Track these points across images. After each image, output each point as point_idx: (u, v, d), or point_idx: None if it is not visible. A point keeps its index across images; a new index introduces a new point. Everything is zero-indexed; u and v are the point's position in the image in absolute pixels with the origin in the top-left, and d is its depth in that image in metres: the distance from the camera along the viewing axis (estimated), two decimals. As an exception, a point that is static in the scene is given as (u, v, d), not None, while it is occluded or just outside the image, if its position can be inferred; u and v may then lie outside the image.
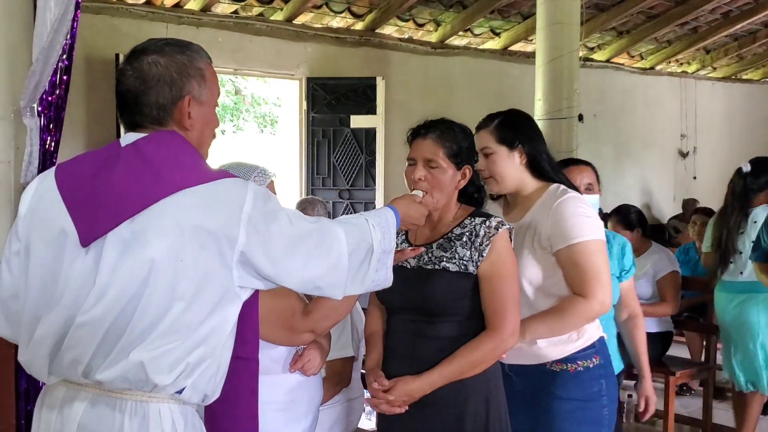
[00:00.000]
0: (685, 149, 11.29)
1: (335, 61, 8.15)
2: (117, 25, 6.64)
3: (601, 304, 2.58)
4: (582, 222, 2.59)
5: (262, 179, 2.45)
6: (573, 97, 6.38)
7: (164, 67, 1.89)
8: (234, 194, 1.81)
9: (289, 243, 1.85)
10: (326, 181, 7.96)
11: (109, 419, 1.80)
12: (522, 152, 2.71)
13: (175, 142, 1.88)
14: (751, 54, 11.64)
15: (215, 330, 1.83)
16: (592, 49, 10.15)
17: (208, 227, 1.77)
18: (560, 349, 2.63)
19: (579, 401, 2.62)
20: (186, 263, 1.76)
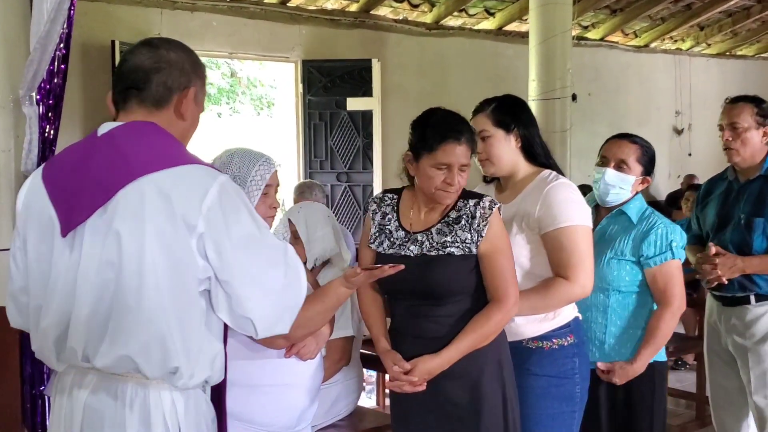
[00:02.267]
0: (680, 126, 11.32)
1: (330, 44, 8.16)
2: (112, 12, 6.65)
3: (582, 287, 2.68)
4: (571, 207, 2.67)
5: (267, 168, 2.47)
6: (566, 77, 6.43)
7: (181, 57, 1.98)
8: (199, 183, 1.84)
9: (245, 243, 1.86)
10: (324, 164, 7.99)
11: (111, 403, 1.86)
12: (517, 136, 2.79)
13: (149, 129, 1.92)
14: (745, 30, 11.64)
15: (198, 315, 1.87)
16: (586, 28, 10.15)
17: (171, 212, 1.80)
18: (536, 327, 2.71)
19: (553, 378, 2.70)
20: (152, 249, 1.80)
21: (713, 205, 3.58)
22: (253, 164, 2.45)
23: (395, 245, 2.58)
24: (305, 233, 3.38)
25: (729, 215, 3.48)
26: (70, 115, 4.68)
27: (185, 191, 1.81)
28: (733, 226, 3.44)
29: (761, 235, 3.37)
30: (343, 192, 7.96)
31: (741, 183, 3.49)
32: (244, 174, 2.43)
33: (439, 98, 9.45)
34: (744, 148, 3.41)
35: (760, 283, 3.39)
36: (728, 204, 3.50)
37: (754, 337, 3.42)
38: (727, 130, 3.45)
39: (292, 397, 2.52)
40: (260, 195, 2.45)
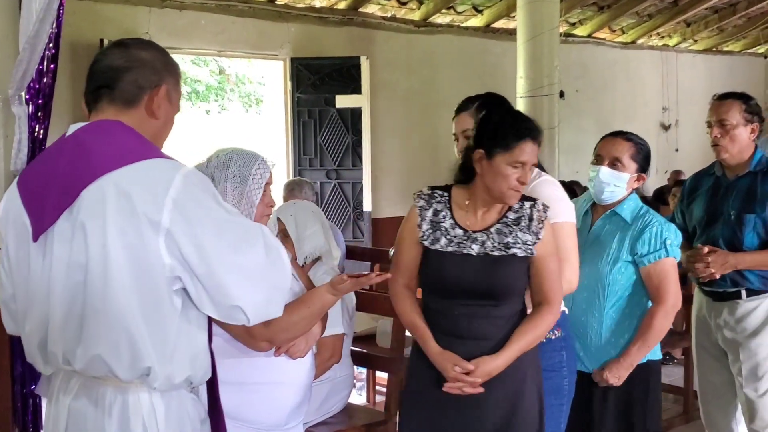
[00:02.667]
0: (667, 122, 11.38)
1: (319, 41, 8.17)
2: (100, 10, 6.64)
3: (568, 283, 2.72)
4: (556, 205, 2.68)
5: (265, 167, 2.49)
6: (554, 74, 6.46)
7: (152, 56, 1.97)
8: (161, 177, 1.80)
9: (218, 230, 1.82)
10: (313, 161, 8.00)
11: (92, 408, 1.86)
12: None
13: (113, 127, 1.89)
14: (731, 26, 11.71)
15: (170, 314, 1.83)
16: (573, 25, 10.19)
17: (132, 211, 1.76)
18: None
19: (542, 370, 2.70)
20: (114, 249, 1.77)
21: (700, 200, 3.60)
22: (252, 163, 2.47)
23: (453, 243, 2.55)
24: (294, 231, 3.39)
25: (718, 211, 3.49)
26: (59, 114, 4.67)
27: (147, 187, 1.78)
28: (723, 221, 3.46)
29: (752, 230, 3.39)
30: (333, 189, 7.97)
31: (730, 179, 3.50)
32: (244, 173, 2.45)
33: (427, 95, 9.52)
34: (732, 145, 3.43)
35: (751, 279, 3.42)
36: (717, 200, 3.52)
37: (745, 332, 3.45)
38: (716, 127, 3.46)
39: (282, 395, 2.53)
40: (260, 195, 2.48)
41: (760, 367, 3.43)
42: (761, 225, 3.38)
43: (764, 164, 3.44)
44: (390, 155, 8.56)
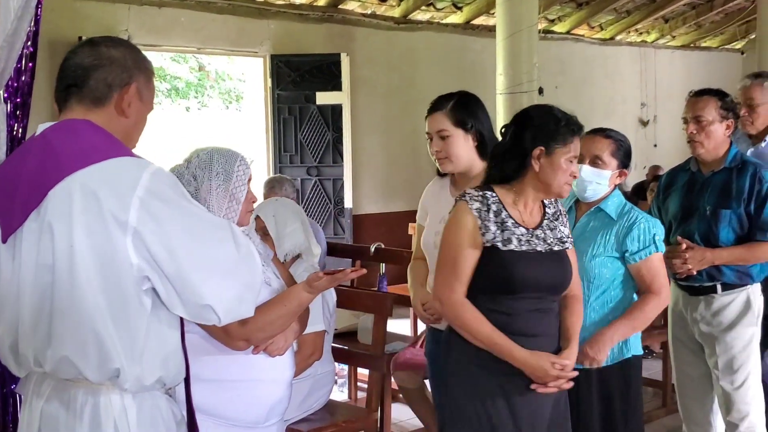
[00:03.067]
0: (646, 117, 11.47)
1: (299, 38, 8.17)
2: (79, 8, 6.60)
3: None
4: None
5: (245, 164, 2.51)
6: (533, 70, 6.49)
7: (121, 53, 1.94)
8: (128, 176, 1.77)
9: (186, 227, 1.80)
10: (294, 158, 7.99)
11: (63, 411, 1.85)
12: (474, 134, 2.88)
13: (81, 126, 1.87)
14: (708, 22, 11.81)
15: (139, 315, 1.82)
16: (552, 21, 10.24)
17: (99, 210, 1.74)
18: None
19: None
20: (81, 250, 1.75)
21: (676, 196, 3.62)
22: (234, 161, 2.48)
23: (523, 242, 2.55)
24: (274, 229, 3.40)
25: (694, 206, 3.52)
26: (38, 112, 4.63)
27: (113, 186, 1.76)
28: (699, 217, 3.48)
29: (727, 226, 3.42)
30: (314, 186, 7.97)
31: (705, 175, 3.52)
32: (228, 171, 2.46)
33: (407, 92, 9.53)
34: (708, 141, 3.45)
35: (726, 273, 3.46)
36: (692, 195, 3.54)
37: (721, 325, 3.48)
38: (692, 123, 3.48)
39: (262, 392, 2.53)
40: (245, 192, 2.49)
41: (736, 360, 3.47)
42: (736, 220, 3.41)
43: (739, 160, 3.46)
44: (371, 152, 8.58)
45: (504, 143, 2.65)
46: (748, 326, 3.48)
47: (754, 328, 3.50)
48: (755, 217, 3.39)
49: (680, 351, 3.72)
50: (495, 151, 2.70)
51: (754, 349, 3.50)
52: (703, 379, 3.61)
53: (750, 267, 3.47)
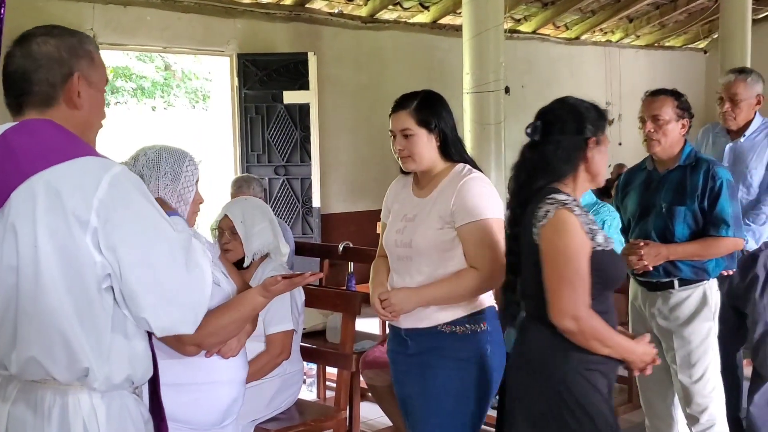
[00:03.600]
0: (611, 116, 11.54)
1: (266, 37, 8.14)
2: (43, 7, 6.53)
3: (492, 278, 2.78)
4: (485, 201, 2.79)
5: (194, 164, 2.48)
6: (499, 69, 6.51)
7: (54, 47, 1.88)
8: (90, 176, 1.77)
9: (141, 237, 1.79)
10: (261, 157, 7.97)
11: (31, 413, 1.83)
12: (438, 134, 2.88)
13: (41, 126, 1.85)
14: (672, 21, 11.95)
15: (104, 313, 1.81)
16: (518, 21, 10.30)
17: (62, 210, 1.74)
18: (451, 313, 2.82)
19: (463, 361, 2.81)
20: (45, 250, 1.75)
21: (634, 194, 3.71)
22: (182, 161, 2.45)
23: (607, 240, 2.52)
24: (243, 229, 3.40)
25: (650, 204, 3.59)
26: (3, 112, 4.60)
27: (76, 186, 1.75)
28: (656, 214, 3.56)
29: (682, 222, 3.49)
30: (282, 185, 7.96)
31: (661, 173, 3.61)
32: (176, 171, 2.43)
33: (375, 91, 9.56)
34: (665, 139, 3.53)
35: (683, 269, 3.53)
36: (649, 193, 3.62)
37: (678, 320, 3.55)
38: (649, 122, 3.56)
39: (218, 394, 2.53)
40: (194, 192, 2.47)
41: (693, 354, 3.53)
42: (691, 216, 3.48)
43: (693, 158, 3.54)
44: (339, 151, 8.58)
45: (559, 141, 2.53)
46: (705, 321, 3.54)
47: (711, 323, 3.56)
48: (709, 213, 3.46)
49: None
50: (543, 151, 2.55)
51: (711, 343, 3.56)
52: (663, 374, 3.66)
53: (706, 263, 3.53)
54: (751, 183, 4.05)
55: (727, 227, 3.44)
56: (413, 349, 2.89)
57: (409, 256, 2.87)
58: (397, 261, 2.93)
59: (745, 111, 4.07)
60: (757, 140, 4.07)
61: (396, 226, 2.96)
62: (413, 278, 2.86)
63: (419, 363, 2.88)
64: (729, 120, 4.09)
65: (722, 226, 3.44)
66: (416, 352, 2.89)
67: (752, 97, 4.05)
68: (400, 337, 2.93)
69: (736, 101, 4.05)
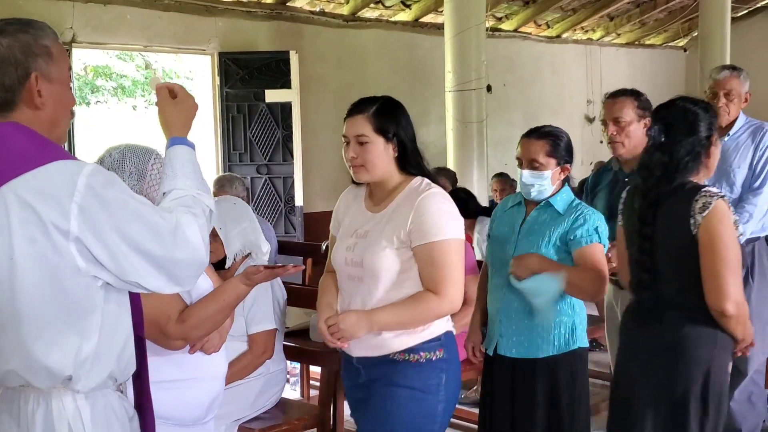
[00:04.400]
0: (591, 114, 11.63)
1: (247, 36, 8.12)
2: (22, 5, 6.48)
3: (451, 302, 2.60)
4: (443, 220, 2.59)
5: (160, 164, 2.46)
6: (481, 68, 6.54)
7: (7, 48, 1.80)
8: (64, 182, 1.72)
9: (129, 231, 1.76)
10: (243, 156, 7.95)
11: (15, 412, 1.81)
12: (395, 144, 2.67)
13: (6, 131, 1.79)
14: (652, 20, 12.03)
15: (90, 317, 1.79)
16: (500, 19, 10.33)
17: (38, 220, 1.70)
18: (404, 340, 2.63)
19: (417, 391, 2.62)
20: (23, 262, 1.71)
21: (602, 195, 3.70)
22: (147, 159, 2.43)
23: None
24: (223, 230, 3.38)
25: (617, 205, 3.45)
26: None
27: (50, 195, 1.70)
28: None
29: None
30: (264, 184, 7.94)
31: (626, 173, 3.59)
32: (141, 169, 2.41)
33: (357, 90, 9.53)
34: (628, 141, 3.54)
35: None
36: (615, 194, 3.49)
37: None
38: (611, 125, 3.56)
39: (200, 391, 2.53)
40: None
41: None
42: None
43: None
44: (321, 149, 8.56)
45: (687, 141, 2.69)
46: None
47: None
48: None
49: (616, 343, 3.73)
50: (673, 152, 2.70)
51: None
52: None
53: None
54: (734, 182, 4.02)
55: None
56: (365, 377, 2.71)
57: (360, 277, 2.64)
58: (347, 281, 2.70)
59: (736, 106, 4.07)
60: (741, 139, 4.06)
61: (346, 242, 2.73)
62: (365, 301, 2.64)
63: (371, 393, 2.69)
64: (723, 115, 4.03)
65: None
66: (368, 381, 2.70)
67: (743, 93, 4.06)
68: (352, 365, 2.75)
69: (730, 97, 4.05)
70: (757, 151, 4.00)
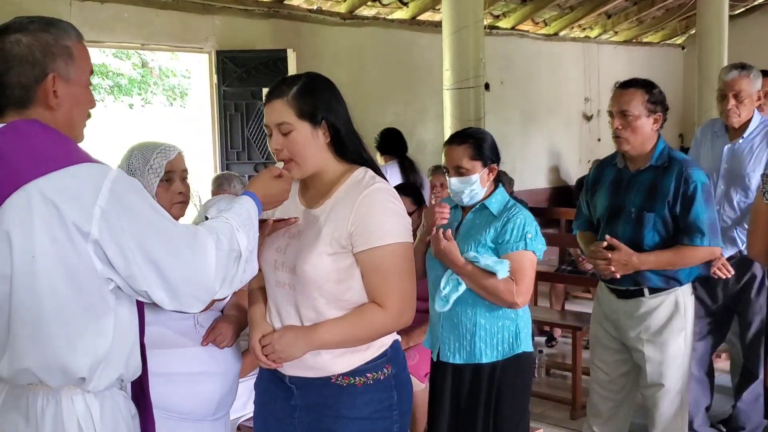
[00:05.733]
0: (589, 112, 11.62)
1: (244, 34, 8.10)
2: (18, 2, 6.45)
3: (399, 316, 2.29)
4: (388, 221, 2.25)
5: (164, 155, 2.48)
6: (479, 66, 6.52)
7: (26, 47, 1.82)
8: (89, 185, 1.74)
9: (145, 240, 1.77)
10: (241, 155, 7.94)
11: (23, 410, 1.81)
12: (326, 129, 2.30)
13: (31, 130, 1.80)
14: (650, 18, 12.01)
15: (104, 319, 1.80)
16: (497, 17, 10.31)
17: (61, 220, 1.71)
18: (347, 361, 2.31)
19: (366, 420, 2.31)
20: (44, 261, 1.72)
21: (604, 193, 3.50)
22: (150, 154, 2.46)
23: None
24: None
25: (620, 206, 3.40)
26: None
27: (74, 196, 1.72)
28: (625, 218, 3.37)
29: (652, 229, 3.29)
30: (261, 183, 7.92)
31: (631, 172, 3.40)
32: (141, 165, 2.44)
33: (355, 88, 9.53)
34: (634, 137, 3.30)
35: (651, 278, 3.35)
36: (619, 194, 3.42)
37: (649, 329, 3.39)
38: (617, 118, 3.31)
39: (210, 385, 2.54)
40: (158, 182, 2.46)
41: (664, 365, 3.38)
42: (661, 223, 3.28)
43: (666, 158, 3.32)
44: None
45: None
46: (677, 332, 3.37)
47: (684, 332, 3.39)
48: (681, 219, 3.25)
49: (602, 349, 3.62)
50: None
51: (683, 352, 3.41)
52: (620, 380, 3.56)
53: (678, 271, 3.34)
54: (749, 186, 3.88)
55: (702, 236, 3.22)
56: (299, 400, 2.37)
57: (291, 285, 2.30)
58: (276, 287, 2.36)
59: (748, 107, 3.91)
60: (756, 141, 3.92)
61: (276, 242, 2.36)
62: (300, 314, 2.30)
63: (307, 421, 2.36)
64: (733, 117, 3.91)
65: (696, 235, 3.23)
66: (303, 406, 2.36)
67: (754, 92, 3.90)
68: (283, 383, 2.39)
69: (740, 98, 3.89)
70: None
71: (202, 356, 2.50)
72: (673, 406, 3.44)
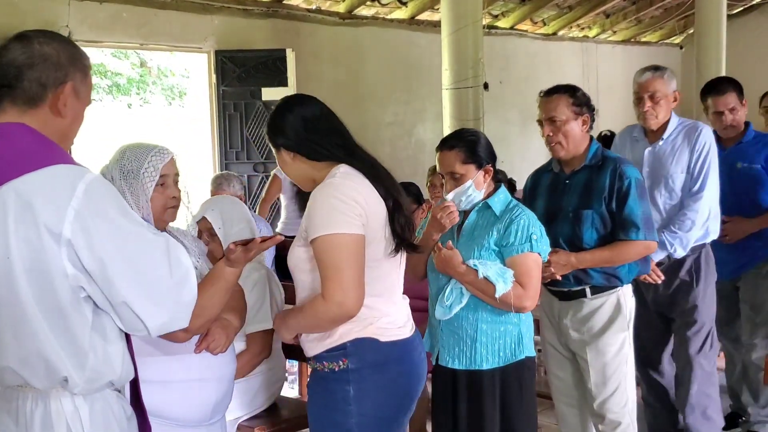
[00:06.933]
0: (588, 112, 11.64)
1: (244, 34, 8.11)
2: (18, 3, 6.45)
3: (339, 305, 2.30)
4: (325, 214, 2.32)
5: (159, 158, 2.46)
6: (478, 66, 6.53)
7: (55, 51, 1.84)
8: (63, 186, 1.72)
9: (121, 245, 1.75)
10: (240, 154, 7.95)
11: (14, 413, 1.81)
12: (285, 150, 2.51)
13: (15, 131, 1.80)
14: (648, 17, 12.03)
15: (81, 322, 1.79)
16: (496, 17, 10.33)
17: (34, 221, 1.70)
18: (313, 346, 2.45)
19: (323, 408, 2.44)
20: (18, 262, 1.71)
21: (541, 198, 3.48)
22: (145, 156, 2.44)
23: None
24: (222, 229, 3.38)
25: (557, 208, 3.38)
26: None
27: (49, 197, 1.70)
28: (562, 218, 3.35)
29: (590, 227, 3.28)
30: (261, 182, 7.93)
31: (567, 174, 3.40)
32: (135, 167, 2.42)
33: (354, 87, 9.53)
34: (567, 141, 3.31)
35: (593, 275, 3.33)
36: (556, 196, 3.41)
37: (591, 331, 3.37)
38: (547, 125, 3.33)
39: (205, 391, 2.53)
40: (154, 186, 2.45)
41: (608, 367, 3.36)
42: (599, 220, 3.28)
43: (599, 157, 3.33)
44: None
45: None
46: (619, 331, 3.36)
47: (626, 333, 3.37)
48: (617, 215, 3.25)
49: (552, 355, 3.60)
50: None
51: (626, 354, 3.39)
52: (577, 385, 3.53)
53: (617, 268, 3.34)
54: (673, 187, 3.84)
55: (637, 230, 3.23)
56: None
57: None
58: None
59: (665, 108, 3.85)
60: (677, 141, 3.87)
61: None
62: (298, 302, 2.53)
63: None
64: (650, 119, 3.86)
65: (632, 229, 3.23)
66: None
67: (670, 93, 3.84)
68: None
69: (656, 99, 3.83)
70: (693, 153, 3.79)
71: (196, 363, 2.49)
72: (619, 410, 3.40)
